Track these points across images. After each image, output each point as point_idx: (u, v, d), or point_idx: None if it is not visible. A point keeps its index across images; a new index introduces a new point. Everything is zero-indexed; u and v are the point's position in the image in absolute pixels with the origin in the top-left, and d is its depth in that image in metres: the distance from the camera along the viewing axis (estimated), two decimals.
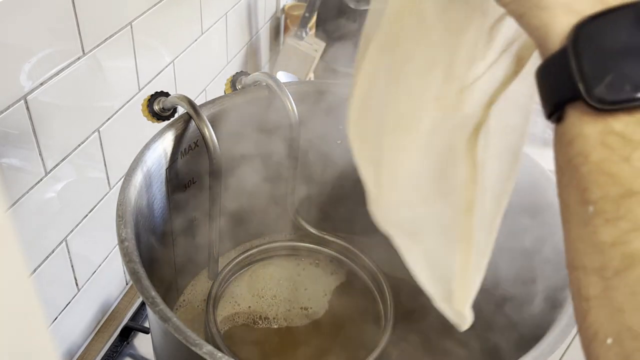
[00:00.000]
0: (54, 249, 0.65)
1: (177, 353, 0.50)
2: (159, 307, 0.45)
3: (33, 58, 0.55)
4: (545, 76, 0.29)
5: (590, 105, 0.26)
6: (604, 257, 0.25)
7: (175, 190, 0.65)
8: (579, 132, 0.27)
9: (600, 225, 0.26)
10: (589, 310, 0.26)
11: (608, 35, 0.26)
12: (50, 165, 0.61)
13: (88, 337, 0.77)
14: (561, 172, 0.29)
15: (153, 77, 0.77)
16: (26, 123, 0.56)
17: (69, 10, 0.58)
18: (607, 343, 0.25)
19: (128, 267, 0.48)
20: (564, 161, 0.28)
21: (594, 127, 0.26)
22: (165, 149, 0.61)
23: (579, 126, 0.27)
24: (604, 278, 0.25)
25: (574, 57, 0.26)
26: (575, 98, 0.26)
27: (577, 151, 0.27)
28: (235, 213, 0.76)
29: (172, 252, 0.68)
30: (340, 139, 0.75)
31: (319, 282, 0.78)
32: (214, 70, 0.98)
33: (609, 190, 0.25)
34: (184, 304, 0.74)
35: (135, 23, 0.70)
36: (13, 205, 0.57)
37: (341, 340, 0.71)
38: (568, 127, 0.27)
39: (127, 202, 0.54)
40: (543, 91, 0.29)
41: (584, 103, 0.26)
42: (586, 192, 0.26)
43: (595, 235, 0.26)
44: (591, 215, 0.26)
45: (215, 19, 0.93)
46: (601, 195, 0.26)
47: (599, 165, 0.26)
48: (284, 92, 0.66)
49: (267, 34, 1.22)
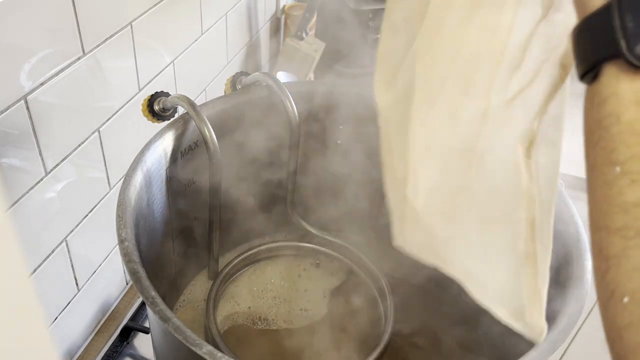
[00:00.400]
0: (54, 249, 0.65)
1: (177, 353, 0.50)
2: (159, 307, 0.45)
3: (33, 58, 0.55)
4: (583, 34, 0.29)
5: (630, 62, 0.26)
6: (627, 217, 0.26)
7: (175, 190, 0.65)
8: (613, 91, 0.27)
9: (626, 185, 0.26)
10: (608, 269, 0.26)
11: None
12: (50, 165, 0.61)
13: (88, 337, 0.77)
14: (590, 133, 0.28)
15: (153, 77, 0.77)
16: (26, 123, 0.56)
17: (69, 10, 0.58)
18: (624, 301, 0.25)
19: (128, 267, 0.48)
20: (594, 121, 0.28)
21: (630, 85, 0.26)
22: (165, 149, 0.61)
23: (615, 85, 0.27)
24: (625, 237, 0.25)
25: (618, 13, 0.26)
26: (615, 56, 0.26)
27: (609, 111, 0.27)
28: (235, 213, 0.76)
29: (172, 252, 0.68)
30: (340, 139, 0.75)
31: (319, 283, 0.78)
32: (214, 70, 0.98)
33: (637, 151, 0.26)
34: (184, 304, 0.74)
35: (135, 23, 0.70)
36: (13, 205, 0.57)
37: (341, 340, 0.71)
38: (602, 86, 0.27)
39: (127, 202, 0.54)
40: (580, 50, 0.29)
41: (623, 60, 0.26)
42: (614, 153, 0.26)
43: (620, 196, 0.26)
44: (617, 175, 0.26)
45: (215, 19, 0.93)
46: (630, 155, 0.26)
47: (631, 125, 0.26)
48: (284, 92, 0.66)
49: (267, 34, 1.22)
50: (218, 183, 0.63)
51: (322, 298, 0.76)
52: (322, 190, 0.78)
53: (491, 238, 0.41)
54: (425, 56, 0.40)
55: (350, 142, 0.74)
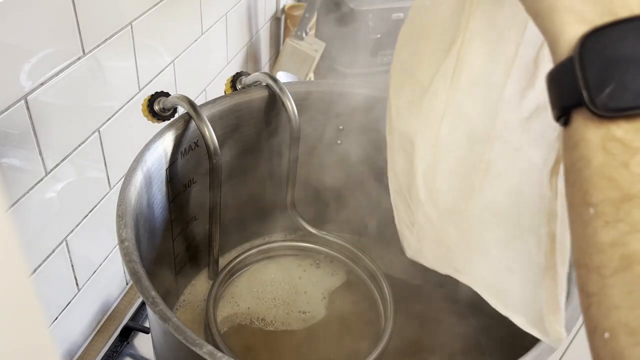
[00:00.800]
0: (54, 249, 0.65)
1: (177, 353, 0.50)
2: (159, 307, 0.45)
3: (33, 58, 0.55)
4: (554, 81, 0.30)
5: (593, 112, 0.27)
6: (603, 256, 0.27)
7: (175, 190, 0.65)
8: (582, 136, 0.28)
9: (600, 226, 0.27)
10: (590, 306, 0.27)
11: (613, 46, 0.27)
12: (51, 165, 0.61)
13: (88, 337, 0.77)
14: (567, 172, 0.30)
15: (153, 77, 0.77)
16: (26, 123, 0.56)
17: (69, 10, 0.58)
18: (605, 337, 0.26)
19: (128, 267, 0.48)
20: (569, 163, 0.29)
21: (596, 132, 0.27)
22: (165, 149, 0.61)
23: (583, 131, 0.28)
24: (603, 276, 0.27)
25: (579, 67, 0.28)
26: (580, 104, 0.28)
27: (580, 155, 0.28)
28: (235, 213, 0.76)
29: (172, 252, 0.68)
30: (340, 139, 0.75)
31: (318, 283, 0.78)
32: (214, 70, 0.98)
33: (608, 194, 0.27)
34: (184, 304, 0.74)
35: (135, 23, 0.70)
36: (13, 205, 0.57)
37: (341, 340, 0.71)
38: (573, 131, 0.29)
39: (127, 202, 0.54)
40: (552, 95, 0.30)
41: (587, 109, 0.27)
42: (587, 195, 0.28)
43: (596, 236, 0.27)
44: (592, 216, 0.27)
45: (215, 19, 0.93)
46: (601, 198, 0.27)
47: (600, 169, 0.27)
48: (284, 92, 0.66)
49: (267, 34, 1.22)
50: (218, 183, 0.63)
51: (322, 298, 0.76)
52: (322, 190, 0.78)
53: (513, 253, 0.43)
54: (448, 82, 0.42)
55: (350, 142, 0.74)
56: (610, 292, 0.26)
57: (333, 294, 0.77)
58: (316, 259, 0.80)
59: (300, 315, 0.73)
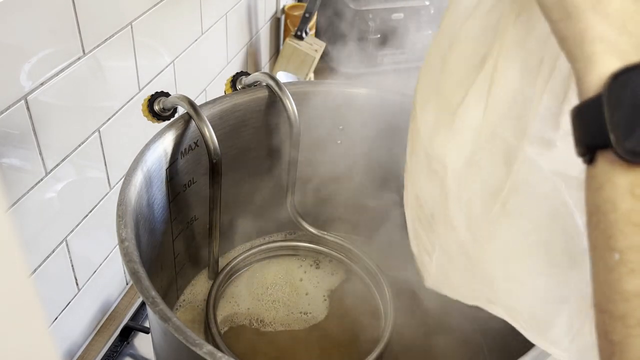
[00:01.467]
0: (54, 249, 0.65)
1: (177, 353, 0.50)
2: (159, 307, 0.45)
3: (33, 58, 0.55)
4: (579, 118, 0.28)
5: (620, 156, 0.26)
6: (628, 305, 0.25)
7: (175, 190, 0.65)
8: (609, 179, 0.26)
9: (625, 273, 0.26)
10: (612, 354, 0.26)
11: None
12: (51, 165, 0.61)
13: (88, 337, 0.77)
14: (590, 214, 0.28)
15: (153, 77, 0.77)
16: (26, 123, 0.56)
17: (69, 10, 0.58)
18: None
19: (128, 267, 0.48)
20: (593, 205, 0.28)
21: (625, 177, 0.26)
22: (165, 149, 0.61)
23: (610, 173, 0.26)
24: (627, 326, 0.25)
25: (607, 107, 0.26)
26: (606, 146, 0.26)
27: (605, 198, 0.27)
28: (235, 213, 0.76)
29: (172, 252, 0.68)
30: (340, 139, 0.75)
31: (319, 284, 0.78)
32: (214, 70, 0.98)
33: (635, 241, 0.25)
34: (184, 304, 0.74)
35: (135, 23, 0.70)
36: (13, 205, 0.57)
37: (341, 340, 0.71)
38: (598, 171, 0.27)
39: (127, 202, 0.54)
40: (577, 132, 0.29)
41: (614, 153, 0.26)
42: (612, 239, 0.26)
43: (620, 283, 0.26)
44: (617, 262, 0.26)
45: (215, 19, 0.93)
46: (627, 245, 0.26)
47: (627, 215, 0.26)
48: (284, 92, 0.66)
49: (267, 34, 1.22)
50: (218, 183, 0.63)
51: (322, 298, 0.76)
52: (322, 191, 0.78)
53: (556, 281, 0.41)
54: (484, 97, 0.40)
55: (350, 142, 0.74)
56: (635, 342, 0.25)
57: (333, 294, 0.77)
58: (316, 259, 0.80)
59: (300, 315, 0.73)
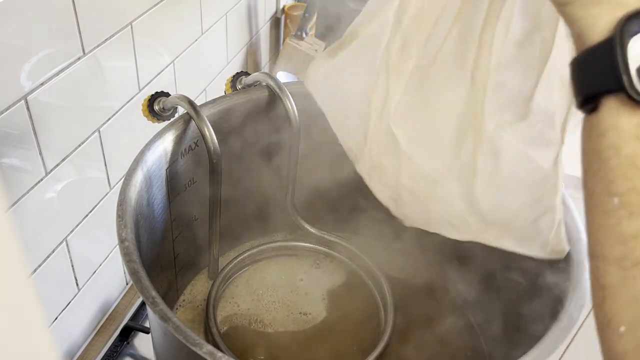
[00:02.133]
0: (54, 249, 0.65)
1: (177, 353, 0.50)
2: (159, 307, 0.45)
3: (33, 58, 0.55)
4: (583, 66, 0.28)
5: (631, 97, 0.26)
6: (625, 247, 0.26)
7: (175, 190, 0.65)
8: (613, 124, 0.27)
9: (625, 217, 0.26)
10: (605, 298, 0.26)
11: None
12: (51, 165, 0.61)
13: (88, 337, 0.77)
14: (588, 162, 0.29)
15: (153, 77, 0.77)
16: (26, 123, 0.56)
17: (69, 10, 0.58)
18: (620, 331, 0.25)
19: (128, 267, 0.48)
20: (593, 152, 0.28)
21: (631, 119, 0.26)
22: (165, 149, 0.61)
23: (615, 118, 0.27)
24: (623, 268, 0.26)
25: (619, 48, 0.26)
26: (615, 90, 0.26)
27: (608, 143, 0.27)
28: (235, 213, 0.76)
29: (172, 252, 0.68)
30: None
31: (319, 284, 0.78)
32: (214, 70, 0.98)
33: (636, 184, 0.26)
34: (184, 304, 0.74)
35: (135, 23, 0.70)
36: (13, 205, 0.57)
37: (341, 341, 0.71)
38: (602, 118, 0.27)
39: (127, 202, 0.54)
40: (580, 81, 0.29)
41: (624, 95, 0.26)
42: (613, 184, 0.26)
43: (619, 227, 0.26)
44: (616, 206, 0.26)
45: (215, 19, 0.93)
46: (629, 187, 0.26)
47: (631, 158, 0.26)
48: (284, 92, 0.66)
49: (267, 34, 1.22)
50: (218, 183, 0.63)
51: (322, 298, 0.76)
52: (322, 191, 0.78)
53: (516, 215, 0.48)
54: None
55: None
56: (630, 284, 0.25)
57: (333, 294, 0.77)
58: (316, 259, 0.80)
59: (299, 316, 0.73)
